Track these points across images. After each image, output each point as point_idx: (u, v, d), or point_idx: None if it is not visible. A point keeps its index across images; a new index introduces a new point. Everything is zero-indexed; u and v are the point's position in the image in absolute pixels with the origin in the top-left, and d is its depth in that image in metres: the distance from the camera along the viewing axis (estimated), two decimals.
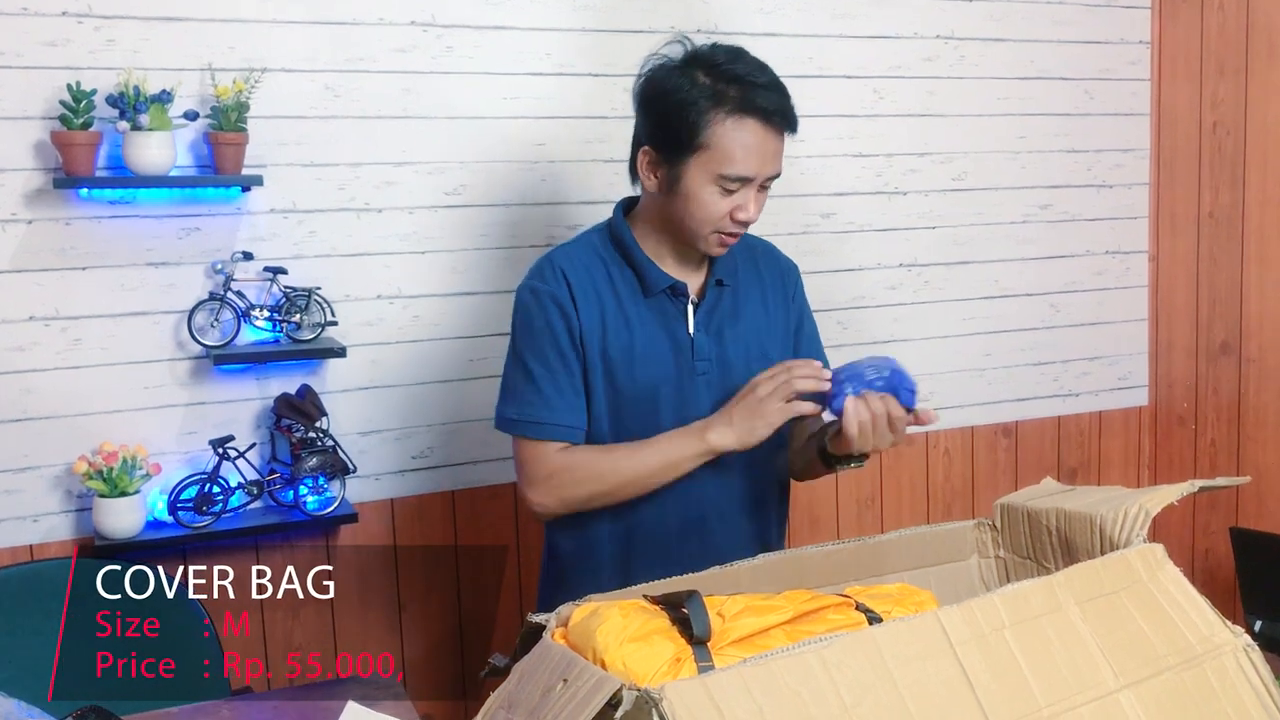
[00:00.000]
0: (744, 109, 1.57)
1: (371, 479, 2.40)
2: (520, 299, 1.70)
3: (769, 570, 1.42)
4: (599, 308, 1.66)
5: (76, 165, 2.07)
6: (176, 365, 2.24)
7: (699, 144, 1.57)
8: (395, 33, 2.34)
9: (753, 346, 1.72)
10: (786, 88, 1.62)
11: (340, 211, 2.33)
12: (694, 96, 1.57)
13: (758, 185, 1.61)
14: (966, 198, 2.90)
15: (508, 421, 1.69)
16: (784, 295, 1.80)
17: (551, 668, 1.17)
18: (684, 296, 1.68)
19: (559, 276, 1.66)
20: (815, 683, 1.04)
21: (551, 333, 1.65)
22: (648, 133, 1.64)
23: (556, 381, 1.65)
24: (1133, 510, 1.30)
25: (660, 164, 1.62)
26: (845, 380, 1.57)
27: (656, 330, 1.67)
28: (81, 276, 2.17)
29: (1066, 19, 2.96)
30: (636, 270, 1.68)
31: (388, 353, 2.39)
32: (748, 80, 1.58)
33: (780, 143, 1.62)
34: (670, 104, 1.59)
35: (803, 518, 2.78)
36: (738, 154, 1.57)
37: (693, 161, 1.58)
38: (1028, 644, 1.12)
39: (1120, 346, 3.14)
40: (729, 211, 1.60)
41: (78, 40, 2.12)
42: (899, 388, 1.57)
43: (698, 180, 1.59)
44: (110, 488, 2.11)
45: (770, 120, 1.58)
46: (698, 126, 1.57)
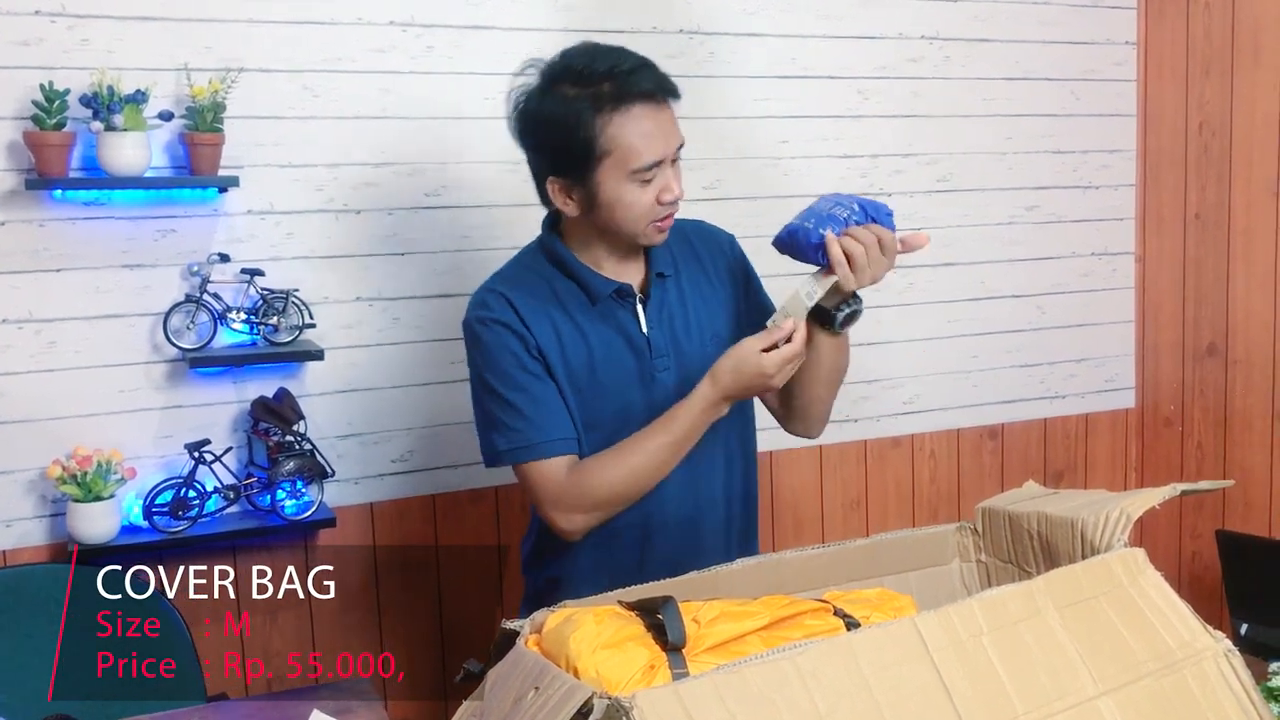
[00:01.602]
0: (625, 99, 1.55)
1: (351, 483, 2.37)
2: (470, 333, 1.68)
3: (747, 575, 1.40)
4: (551, 325, 1.64)
5: (49, 166, 2.05)
6: (152, 368, 2.22)
7: (600, 153, 1.55)
8: (374, 32, 2.32)
9: (706, 330, 1.71)
10: (650, 60, 1.60)
11: (318, 213, 2.31)
12: (574, 111, 1.55)
13: (671, 162, 1.60)
14: (952, 199, 2.89)
15: (499, 455, 1.65)
16: (726, 267, 1.78)
17: (523, 675, 1.15)
18: (630, 297, 1.67)
19: (503, 303, 1.64)
20: (789, 690, 1.02)
21: (512, 354, 1.63)
22: (547, 164, 1.62)
23: (534, 399, 1.63)
24: (1114, 514, 1.29)
25: (572, 187, 1.60)
26: (817, 225, 1.55)
27: (611, 336, 1.66)
28: (55, 279, 2.14)
29: (1052, 20, 2.95)
30: (578, 281, 1.66)
31: (367, 355, 2.37)
32: (614, 71, 1.56)
33: (671, 113, 1.60)
34: (555, 130, 1.57)
35: (788, 520, 2.76)
36: (640, 144, 1.55)
37: (601, 171, 1.57)
38: (1006, 650, 1.11)
39: (1107, 348, 3.13)
40: (655, 198, 1.59)
41: (51, 39, 2.09)
42: (876, 214, 1.56)
43: (614, 186, 1.57)
44: (84, 492, 2.08)
45: (654, 98, 1.57)
46: (591, 137, 1.55)
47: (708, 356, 1.66)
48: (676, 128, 1.60)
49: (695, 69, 2.59)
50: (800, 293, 1.58)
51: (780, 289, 1.80)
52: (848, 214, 1.55)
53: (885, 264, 1.55)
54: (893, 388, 2.84)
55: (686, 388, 1.65)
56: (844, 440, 2.81)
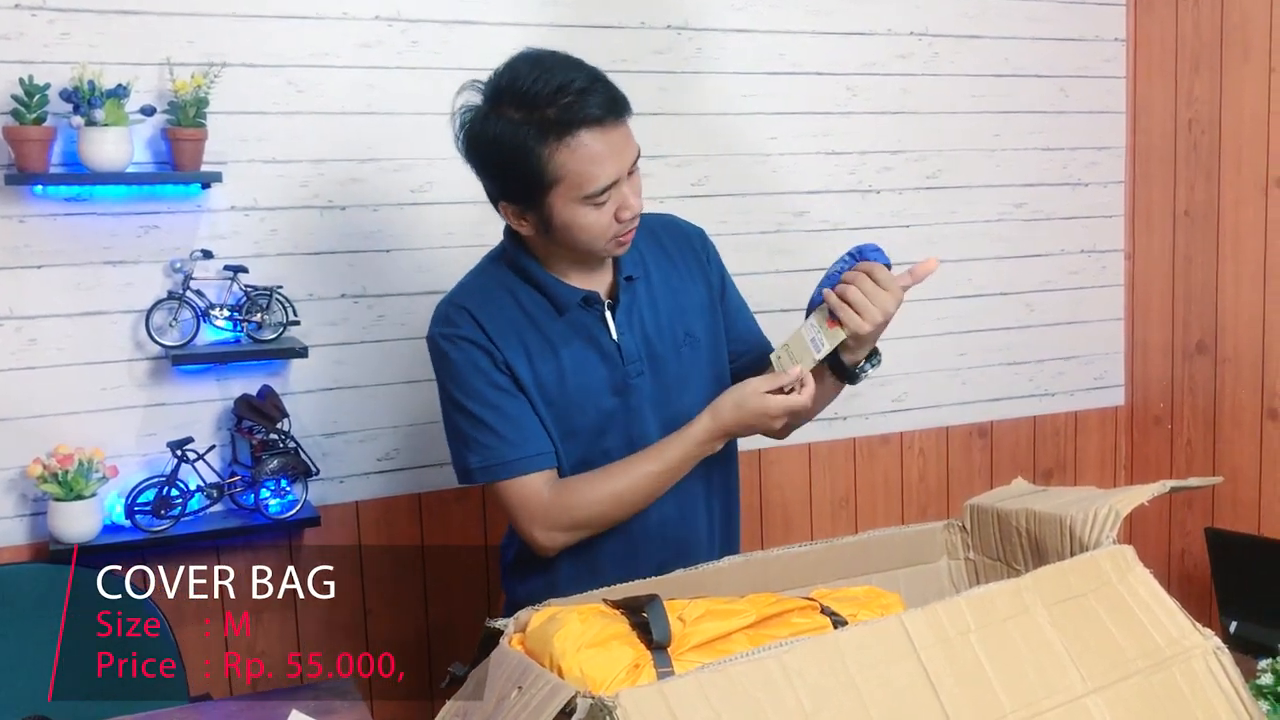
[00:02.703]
0: (572, 127, 1.46)
1: (335, 481, 2.35)
2: (435, 349, 1.62)
3: (734, 573, 1.39)
4: (518, 338, 1.60)
5: (30, 161, 2.02)
6: (134, 366, 2.20)
7: (549, 181, 1.48)
8: (359, 27, 2.30)
9: (678, 330, 1.67)
10: (599, 72, 1.50)
11: (303, 209, 2.29)
12: (519, 139, 1.47)
13: (626, 179, 1.52)
14: (941, 196, 2.88)
15: (471, 474, 1.62)
16: (697, 263, 1.73)
17: (507, 675, 1.14)
18: (598, 304, 1.62)
19: (467, 317, 1.59)
20: (775, 688, 1.01)
21: (479, 370, 1.58)
22: (498, 189, 1.56)
23: (505, 416, 1.59)
24: (1103, 511, 1.28)
25: (525, 211, 1.54)
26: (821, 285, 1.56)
27: (581, 345, 1.61)
28: (36, 275, 2.12)
29: (1041, 16, 2.94)
30: (543, 291, 1.61)
31: (352, 353, 2.35)
32: (559, 95, 1.46)
33: (624, 128, 1.51)
34: (502, 157, 1.50)
35: (776, 519, 2.75)
36: (590, 170, 1.48)
37: (552, 197, 1.50)
38: (994, 648, 1.10)
39: (1096, 346, 3.13)
40: (613, 216, 1.53)
41: (31, 33, 2.07)
42: (863, 253, 1.54)
43: (567, 211, 1.50)
44: (66, 491, 2.06)
45: (603, 121, 1.48)
46: (539, 167, 1.47)
47: (682, 357, 1.64)
48: (630, 141, 1.52)
49: (682, 64, 2.57)
50: (806, 339, 1.55)
51: (764, 286, 1.79)
52: (840, 266, 1.55)
53: (887, 297, 1.50)
54: (882, 385, 2.83)
55: (662, 390, 1.63)
56: (833, 438, 2.80)
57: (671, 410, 1.64)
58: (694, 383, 1.67)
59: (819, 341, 1.54)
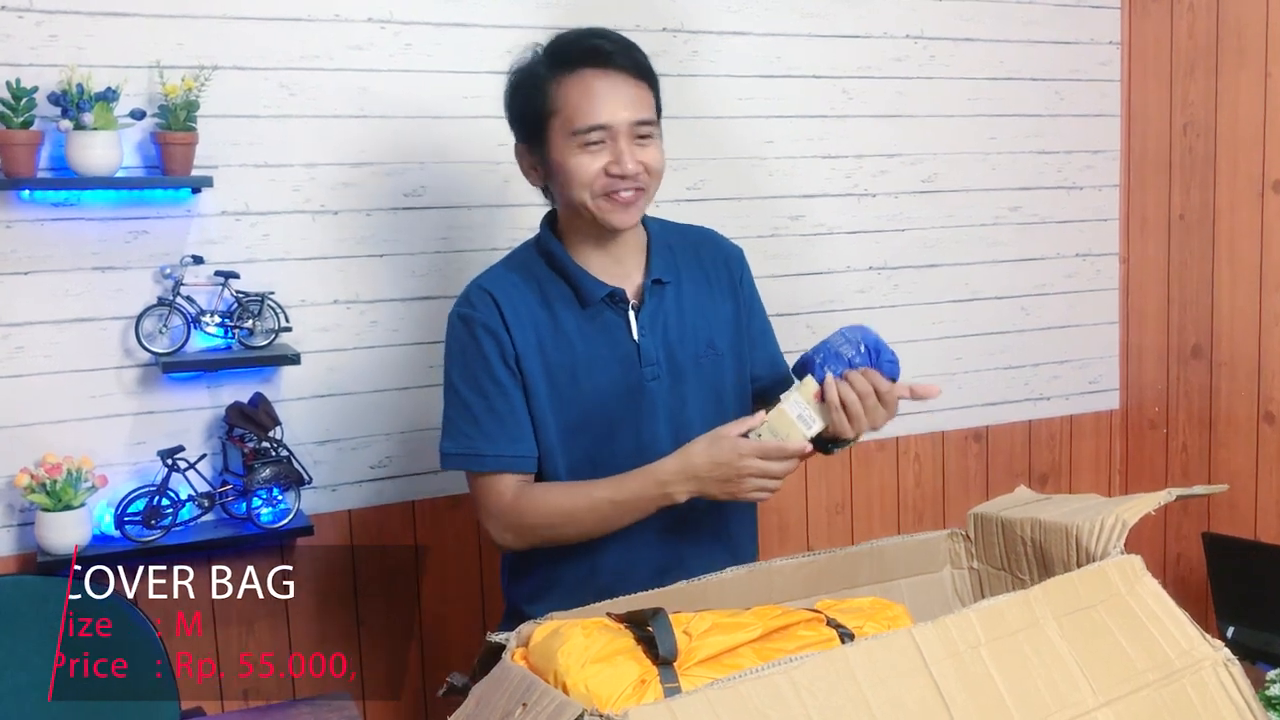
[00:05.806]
0: (577, 63, 1.56)
1: (328, 490, 2.33)
2: (451, 326, 1.65)
3: (737, 585, 1.38)
4: (533, 328, 1.60)
5: (17, 166, 1.99)
6: (124, 373, 2.17)
7: (548, 112, 1.56)
8: (352, 29, 2.28)
9: (700, 341, 1.67)
10: (632, 41, 1.60)
11: (295, 214, 2.26)
12: (534, 68, 1.59)
13: (626, 136, 1.55)
14: (936, 199, 2.87)
15: (447, 457, 1.64)
16: (729, 282, 1.73)
17: (510, 691, 1.12)
18: (623, 303, 1.62)
19: (488, 301, 1.61)
20: (785, 706, 0.99)
21: (485, 359, 1.59)
22: (516, 131, 1.65)
23: (494, 410, 1.59)
24: (1109, 521, 1.27)
25: (531, 154, 1.63)
26: (822, 363, 1.51)
27: (599, 341, 1.62)
28: (24, 281, 2.09)
29: (1037, 19, 2.94)
30: (570, 282, 1.62)
31: (345, 359, 2.32)
32: (580, 39, 1.58)
33: (633, 88, 1.56)
34: (519, 94, 1.62)
35: (771, 526, 2.73)
36: (583, 104, 1.54)
37: (550, 134, 1.57)
38: (1005, 661, 1.09)
39: (1091, 350, 3.12)
40: (603, 168, 1.55)
41: (18, 36, 2.04)
42: (879, 360, 1.51)
43: (560, 148, 1.56)
44: (54, 501, 2.03)
45: (609, 63, 1.55)
46: (542, 98, 1.57)
47: (702, 368, 1.64)
48: (637, 104, 1.56)
49: (678, 68, 2.56)
50: (791, 415, 1.49)
51: (760, 290, 1.78)
52: (852, 354, 1.51)
53: (884, 415, 1.50)
54: None
55: (677, 398, 1.62)
56: None
57: (685, 419, 1.63)
58: (710, 395, 1.66)
59: (807, 418, 1.50)
